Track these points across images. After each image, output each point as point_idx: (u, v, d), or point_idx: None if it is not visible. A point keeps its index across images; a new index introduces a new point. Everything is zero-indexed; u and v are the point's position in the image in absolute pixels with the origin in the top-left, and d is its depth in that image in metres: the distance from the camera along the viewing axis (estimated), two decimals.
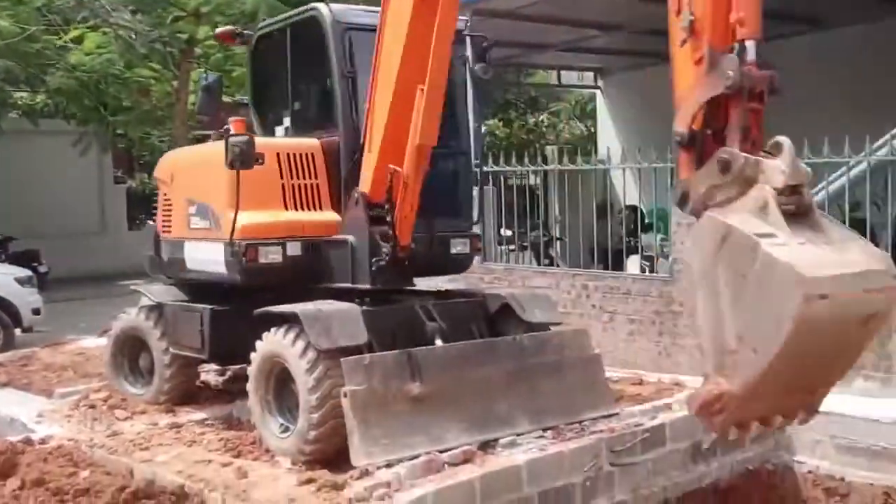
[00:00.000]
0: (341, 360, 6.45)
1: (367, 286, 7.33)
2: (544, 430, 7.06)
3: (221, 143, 7.03)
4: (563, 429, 7.13)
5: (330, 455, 6.54)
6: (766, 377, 4.18)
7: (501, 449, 6.72)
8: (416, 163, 6.95)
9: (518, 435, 6.91)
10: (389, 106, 7.00)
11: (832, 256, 4.11)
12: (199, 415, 8.11)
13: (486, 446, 6.72)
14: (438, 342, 7.20)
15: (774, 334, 4.03)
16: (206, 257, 7.68)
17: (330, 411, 6.48)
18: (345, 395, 6.38)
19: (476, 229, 8.55)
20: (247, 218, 7.22)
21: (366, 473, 6.18)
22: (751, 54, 4.48)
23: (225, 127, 7.38)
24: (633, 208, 11.95)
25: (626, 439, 7.05)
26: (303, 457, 6.58)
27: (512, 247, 12.50)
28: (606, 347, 10.13)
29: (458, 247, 8.10)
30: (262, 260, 7.34)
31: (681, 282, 9.86)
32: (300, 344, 6.64)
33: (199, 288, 8.22)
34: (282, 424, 6.93)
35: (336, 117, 7.60)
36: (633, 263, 11.39)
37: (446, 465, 6.39)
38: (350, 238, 7.41)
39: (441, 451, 6.46)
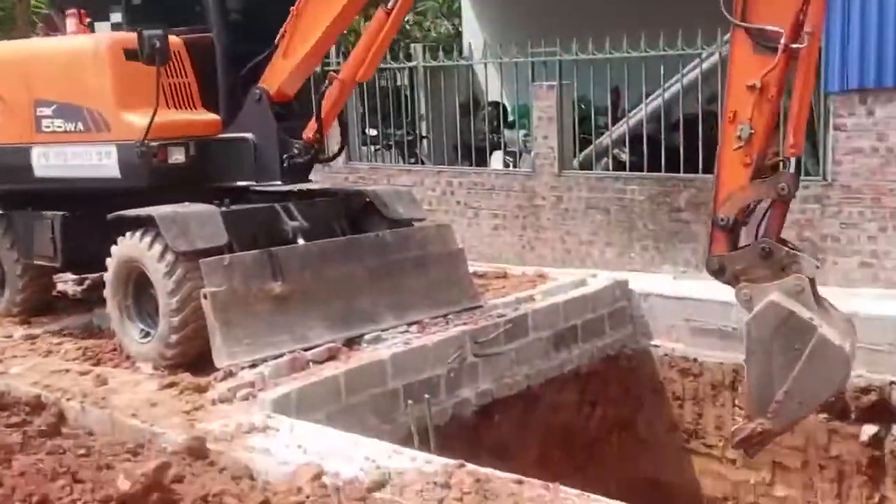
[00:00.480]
0: (200, 261, 6.33)
1: (277, 182, 7.29)
2: (409, 324, 7.13)
3: (81, 38, 6.65)
4: (428, 323, 7.21)
5: (192, 358, 6.46)
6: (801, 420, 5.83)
7: (366, 345, 6.76)
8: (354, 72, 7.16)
9: (383, 330, 6.96)
10: (327, 27, 6.91)
11: (843, 330, 5.51)
12: (56, 325, 7.86)
13: (352, 343, 6.77)
14: (300, 241, 7.13)
15: (820, 392, 5.47)
16: (83, 162, 7.31)
17: (191, 314, 6.38)
18: (205, 297, 6.28)
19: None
20: (141, 118, 6.87)
21: (229, 375, 6.14)
22: (792, 168, 5.47)
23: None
24: (496, 104, 11.96)
25: (489, 331, 7.18)
26: (164, 361, 6.48)
27: (377, 146, 12.39)
28: (472, 243, 10.26)
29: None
30: (170, 160, 7.07)
31: (542, 175, 10.01)
32: (157, 247, 6.46)
33: (38, 197, 7.80)
34: (142, 330, 6.78)
35: (209, 16, 7.28)
36: (496, 159, 11.45)
37: (311, 363, 6.40)
38: (250, 136, 7.19)
39: (305, 350, 6.46)
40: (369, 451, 4.95)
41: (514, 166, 11.30)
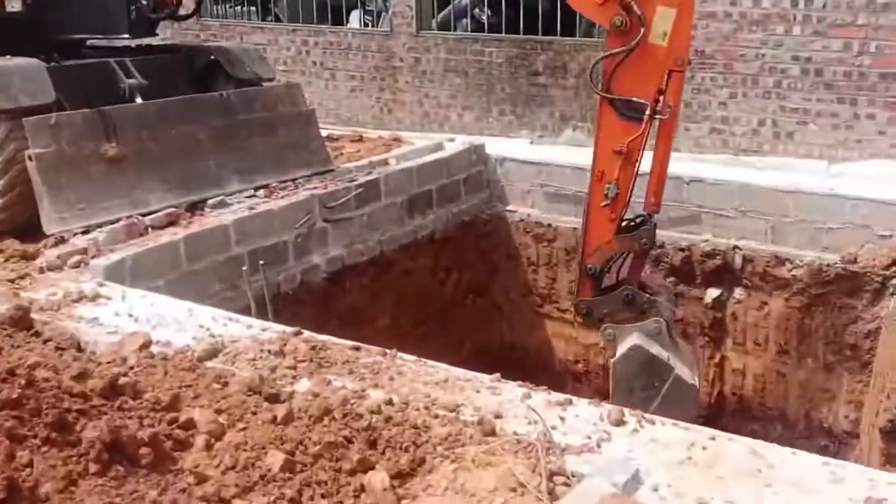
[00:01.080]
0: (23, 120, 5.87)
1: (126, 36, 6.91)
2: (256, 189, 6.86)
3: None
4: (276, 187, 6.96)
5: (20, 225, 6.05)
6: None
7: (210, 210, 6.48)
8: None
9: (228, 195, 6.67)
10: None
11: (691, 362, 6.37)
12: None
13: (195, 208, 6.47)
14: (138, 100, 6.72)
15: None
16: None
17: (16, 176, 5.96)
18: (30, 159, 5.86)
19: None
20: None
21: (60, 241, 5.79)
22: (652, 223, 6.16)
23: None
24: None
25: (339, 195, 6.98)
26: None
27: (230, 2, 11.77)
28: (329, 105, 9.95)
29: None
30: (7, 8, 6.56)
31: (400, 36, 9.68)
32: None
33: None
34: None
35: None
36: (354, 18, 11.01)
37: (149, 229, 6.10)
38: None
39: (144, 215, 6.14)
40: (204, 319, 4.74)
41: (374, 26, 10.91)
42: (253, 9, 11.49)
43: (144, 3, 6.74)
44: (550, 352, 8.31)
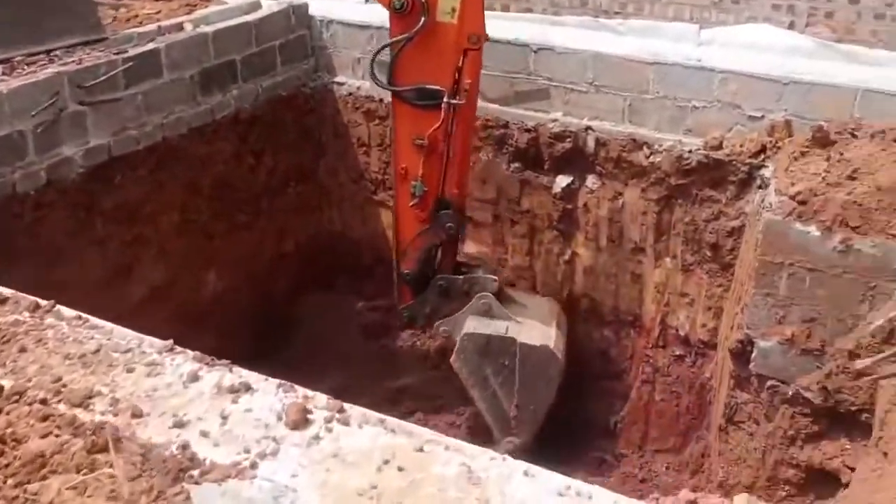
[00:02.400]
0: None
1: None
2: None
3: None
4: (22, 61, 5.62)
5: None
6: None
7: None
8: None
9: None
10: None
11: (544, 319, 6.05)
12: None
13: None
14: None
15: (545, 391, 5.82)
16: None
17: None
18: None
19: None
20: None
21: None
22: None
23: None
24: None
25: (100, 70, 5.67)
26: None
27: None
28: None
29: None
30: None
31: None
32: None
33: None
34: None
35: None
36: None
37: None
38: None
39: None
40: None
41: None
42: None
43: None
44: (386, 243, 7.19)
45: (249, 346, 6.56)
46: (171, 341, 3.07)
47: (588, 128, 6.19)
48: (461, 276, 5.98)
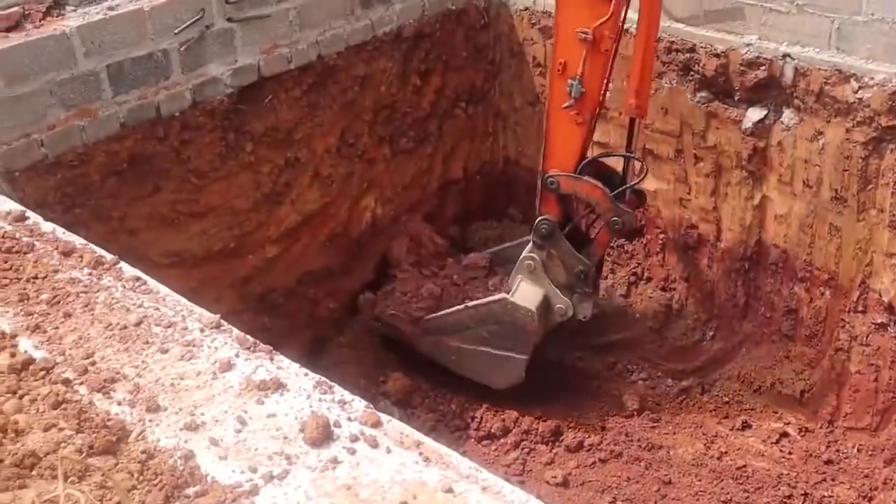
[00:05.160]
0: None
1: None
2: None
3: None
4: None
5: None
6: None
7: (73, 8, 5.01)
8: None
9: None
10: None
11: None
12: None
13: (58, 5, 5.03)
14: None
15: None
16: None
17: None
18: None
19: None
20: None
21: None
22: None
23: None
24: None
25: None
26: None
27: None
28: None
29: None
30: None
31: None
32: None
33: None
34: None
35: None
36: None
37: None
38: None
39: None
40: None
41: None
42: None
43: None
44: None
45: None
46: (218, 317, 2.74)
47: (786, 55, 5.35)
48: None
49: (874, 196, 5.25)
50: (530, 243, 5.57)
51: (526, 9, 6.50)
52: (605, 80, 5.01)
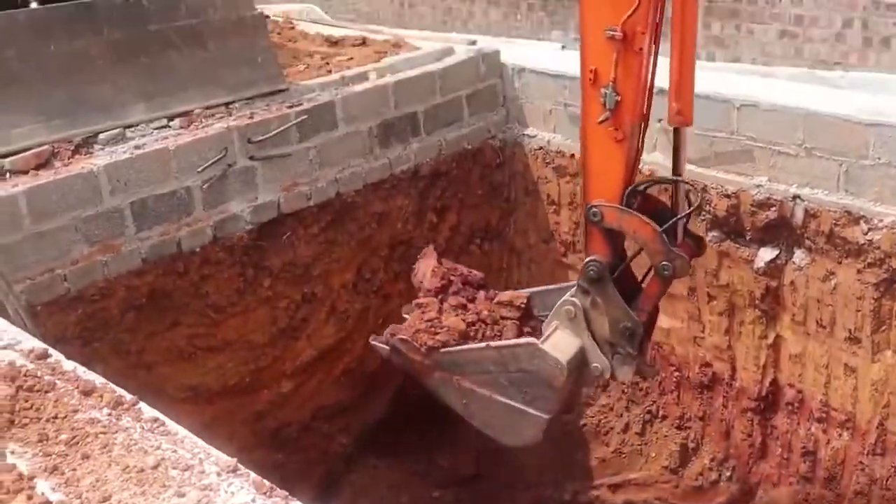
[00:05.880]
0: None
1: None
2: (171, 118, 5.51)
3: None
4: (201, 114, 5.59)
5: None
6: None
7: (101, 147, 5.21)
8: None
9: (130, 126, 5.36)
10: None
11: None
12: None
13: (87, 144, 5.21)
14: (33, 4, 5.48)
15: None
16: None
17: None
18: None
19: None
20: None
21: None
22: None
23: None
24: None
25: (271, 125, 5.54)
26: None
27: None
28: None
29: None
30: None
31: None
32: None
33: None
34: None
35: None
36: None
37: (8, 174, 4.89)
38: None
39: (5, 156, 4.93)
40: None
41: None
42: None
43: None
44: None
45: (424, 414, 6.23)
46: (235, 461, 2.74)
47: (796, 196, 5.45)
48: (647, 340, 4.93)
49: (888, 337, 5.27)
50: (575, 286, 4.89)
51: (540, 148, 6.66)
52: (646, 88, 4.33)
